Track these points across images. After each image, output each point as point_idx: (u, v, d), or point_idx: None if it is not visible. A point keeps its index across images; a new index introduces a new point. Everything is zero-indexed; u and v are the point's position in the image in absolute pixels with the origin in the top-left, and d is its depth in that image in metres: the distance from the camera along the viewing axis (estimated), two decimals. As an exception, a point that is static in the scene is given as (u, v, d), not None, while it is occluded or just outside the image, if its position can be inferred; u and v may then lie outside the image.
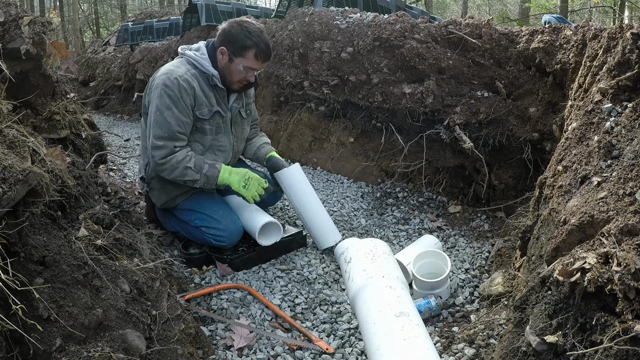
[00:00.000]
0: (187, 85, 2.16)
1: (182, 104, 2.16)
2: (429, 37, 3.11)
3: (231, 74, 2.24)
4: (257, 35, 2.19)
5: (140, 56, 7.33)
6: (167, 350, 1.31)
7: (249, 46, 2.18)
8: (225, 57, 2.21)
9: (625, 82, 1.56)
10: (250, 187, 2.26)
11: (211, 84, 2.25)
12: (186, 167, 2.16)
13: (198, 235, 2.27)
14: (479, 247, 2.45)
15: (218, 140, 2.34)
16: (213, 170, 2.21)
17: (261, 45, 2.19)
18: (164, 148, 2.16)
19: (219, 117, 2.31)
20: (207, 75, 2.23)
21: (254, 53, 2.19)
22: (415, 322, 1.35)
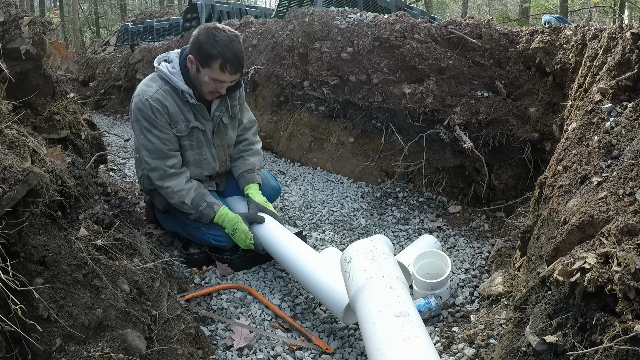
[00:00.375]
0: (159, 104, 2.10)
1: (159, 123, 2.11)
2: (429, 37, 3.11)
3: (200, 84, 2.12)
4: (224, 44, 2.00)
5: (140, 56, 7.33)
6: (167, 350, 1.31)
7: (214, 56, 2.01)
8: (194, 66, 2.09)
9: (625, 82, 1.56)
10: (237, 239, 2.19)
11: (183, 99, 2.15)
12: (182, 202, 2.18)
13: (198, 235, 2.27)
14: (479, 247, 2.45)
15: (202, 154, 2.28)
16: (209, 210, 2.20)
17: (227, 56, 2.01)
18: (157, 170, 2.16)
19: (198, 131, 2.23)
20: (178, 91, 2.13)
21: (219, 64, 2.02)
22: (415, 322, 1.35)
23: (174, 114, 2.14)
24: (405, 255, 2.18)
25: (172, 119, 2.14)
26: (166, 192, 2.18)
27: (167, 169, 2.16)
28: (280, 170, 3.82)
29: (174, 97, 2.14)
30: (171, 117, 2.14)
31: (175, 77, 2.12)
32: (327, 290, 1.78)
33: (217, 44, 2.01)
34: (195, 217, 2.21)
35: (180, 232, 2.39)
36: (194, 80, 2.13)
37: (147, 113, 2.09)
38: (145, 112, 2.09)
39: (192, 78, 2.14)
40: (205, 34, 2.04)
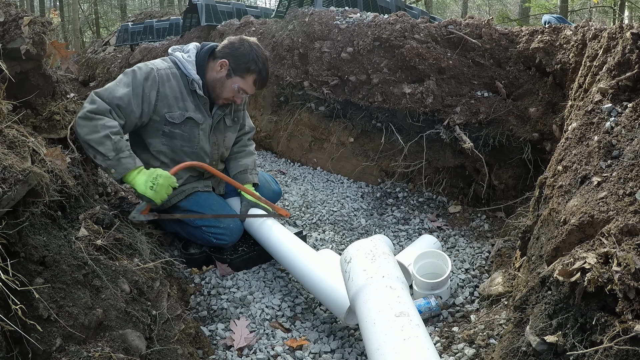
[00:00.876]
0: (159, 79, 2.08)
1: (140, 91, 2.03)
2: (429, 37, 3.11)
3: (222, 88, 2.17)
4: (262, 62, 2.15)
5: (140, 56, 7.33)
6: (167, 350, 1.31)
7: (253, 70, 2.14)
8: (224, 70, 2.14)
9: (625, 82, 1.56)
10: (159, 188, 1.98)
11: (191, 88, 2.16)
12: (108, 135, 1.92)
13: (198, 235, 2.26)
14: (479, 247, 2.45)
15: (191, 147, 2.24)
16: (129, 160, 1.97)
17: (263, 74, 2.17)
18: (98, 104, 1.95)
19: (193, 123, 2.20)
20: (188, 78, 2.15)
21: (254, 78, 2.16)
22: (415, 322, 1.35)
23: (171, 98, 2.12)
24: (405, 255, 2.18)
25: (165, 101, 2.11)
26: (93, 124, 1.90)
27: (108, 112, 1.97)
28: (280, 170, 3.82)
29: (179, 83, 2.14)
30: (165, 100, 2.10)
31: (189, 64, 2.15)
32: (329, 291, 1.78)
33: (258, 60, 2.14)
34: (109, 165, 1.94)
35: (180, 232, 2.38)
36: (215, 82, 2.17)
37: (141, 76, 2.05)
38: (141, 73, 2.06)
39: (213, 80, 2.17)
40: (248, 46, 2.15)
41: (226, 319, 1.90)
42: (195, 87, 2.15)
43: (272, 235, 2.16)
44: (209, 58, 2.19)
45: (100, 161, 1.95)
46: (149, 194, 1.97)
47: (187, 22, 7.20)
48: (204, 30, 6.26)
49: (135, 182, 1.98)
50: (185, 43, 2.54)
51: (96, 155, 1.94)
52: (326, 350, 1.74)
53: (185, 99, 2.16)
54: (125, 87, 2.03)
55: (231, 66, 2.13)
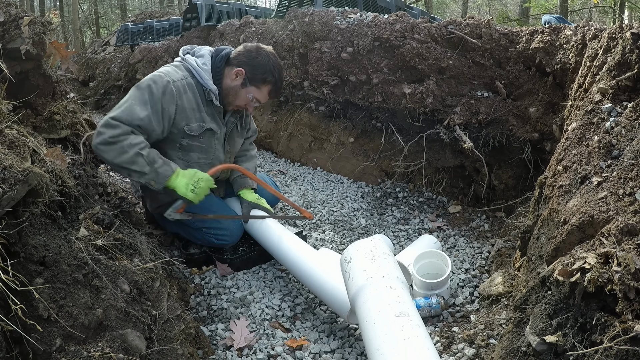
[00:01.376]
0: (177, 92, 1.99)
1: (159, 108, 1.96)
2: (429, 37, 3.11)
3: (237, 97, 2.13)
4: (279, 72, 2.13)
5: (140, 56, 7.33)
6: (167, 350, 1.31)
7: (269, 81, 2.11)
8: (240, 79, 2.09)
9: (625, 82, 1.56)
10: (200, 191, 2.01)
11: (207, 99, 2.10)
12: (138, 153, 1.89)
13: (199, 236, 2.26)
14: (479, 247, 2.45)
15: (208, 159, 2.20)
16: (167, 168, 1.96)
17: (278, 85, 2.15)
18: (119, 128, 1.88)
19: (211, 134, 2.16)
20: (204, 89, 2.08)
21: (269, 89, 2.14)
22: (415, 322, 1.35)
23: (189, 110, 2.05)
24: (405, 255, 2.18)
25: (182, 115, 2.04)
26: (120, 145, 1.87)
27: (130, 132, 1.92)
28: (280, 170, 3.82)
29: (194, 93, 2.07)
30: (180, 113, 2.03)
31: (205, 74, 2.07)
32: (331, 290, 1.78)
33: (275, 71, 2.11)
34: (148, 179, 1.93)
35: (180, 232, 2.38)
36: (228, 90, 2.12)
37: (158, 91, 1.96)
38: (157, 87, 1.96)
39: (227, 88, 2.12)
40: (266, 56, 2.10)
41: (226, 319, 1.90)
42: (212, 98, 2.09)
43: (273, 235, 2.16)
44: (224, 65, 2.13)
45: (136, 178, 1.95)
46: (190, 197, 1.99)
47: (187, 22, 7.19)
48: (204, 30, 6.26)
49: (176, 186, 1.98)
50: (185, 43, 2.54)
51: (131, 173, 1.93)
52: (326, 350, 1.74)
53: (201, 110, 2.10)
54: (143, 105, 1.94)
55: (247, 75, 2.09)
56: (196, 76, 2.07)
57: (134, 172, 1.91)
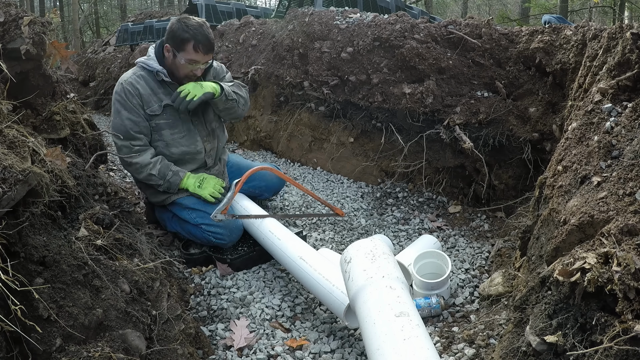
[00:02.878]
0: (131, 87, 2.27)
1: (130, 105, 2.27)
2: (429, 37, 3.11)
3: (177, 69, 2.31)
4: (194, 28, 2.25)
5: (140, 56, 7.32)
6: (167, 350, 1.31)
7: (187, 39, 2.23)
8: (170, 53, 2.28)
9: (625, 82, 1.56)
10: (205, 185, 2.37)
11: (158, 80, 2.33)
12: (150, 174, 2.30)
13: (198, 233, 2.27)
14: (479, 247, 2.45)
15: (180, 132, 2.38)
16: (176, 177, 2.34)
17: (198, 37, 2.24)
18: (124, 148, 2.29)
19: (171, 109, 2.34)
20: (153, 72, 2.32)
21: (192, 45, 2.24)
22: (415, 322, 1.35)
23: (146, 95, 2.30)
24: (405, 255, 2.18)
25: (144, 100, 2.29)
26: (134, 168, 2.30)
27: (132, 147, 2.28)
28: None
29: (147, 80, 2.32)
30: (143, 99, 2.29)
31: (150, 61, 2.33)
32: (328, 292, 1.78)
33: (188, 29, 2.24)
34: (164, 188, 2.34)
35: (180, 231, 2.39)
36: (172, 67, 2.33)
37: (120, 95, 2.28)
38: (119, 93, 2.28)
39: (170, 66, 2.33)
40: (177, 23, 2.29)
41: (226, 319, 1.90)
42: (162, 77, 2.32)
43: (272, 234, 2.16)
44: (162, 49, 2.35)
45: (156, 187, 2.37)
46: (198, 192, 2.35)
47: (187, 22, 7.18)
48: (204, 30, 6.25)
49: (187, 185, 2.37)
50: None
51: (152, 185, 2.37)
52: (326, 350, 1.74)
53: (157, 92, 2.33)
54: (119, 114, 2.28)
55: (172, 46, 2.27)
56: (145, 67, 2.34)
57: (153, 186, 2.36)
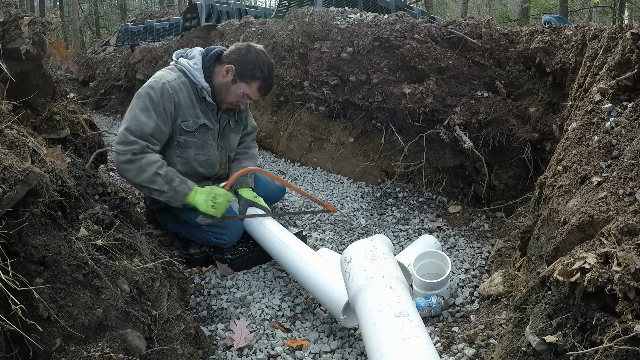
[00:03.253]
0: (173, 92, 2.11)
1: (161, 110, 2.08)
2: (429, 37, 3.11)
3: (228, 93, 2.21)
4: (268, 69, 2.19)
5: (140, 56, 7.33)
6: (167, 350, 1.31)
7: (258, 77, 2.18)
8: (230, 75, 2.17)
9: (625, 82, 1.56)
10: (219, 206, 2.12)
11: (200, 96, 2.20)
12: (156, 172, 2.03)
13: (198, 234, 2.27)
14: (479, 247, 2.45)
15: (205, 154, 2.28)
16: (184, 186, 2.10)
17: (268, 81, 2.21)
18: (135, 144, 2.02)
19: (205, 130, 2.24)
20: (197, 86, 2.18)
21: (258, 85, 2.20)
22: (415, 322, 1.35)
23: (185, 107, 2.15)
24: (405, 255, 2.18)
25: (180, 111, 2.14)
26: (138, 164, 2.01)
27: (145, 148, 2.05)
28: (280, 170, 3.82)
29: (189, 91, 2.17)
30: (179, 110, 2.14)
31: (197, 72, 2.17)
32: (326, 291, 1.78)
33: (264, 67, 2.17)
34: (167, 197, 2.08)
35: (180, 231, 2.38)
36: (220, 87, 2.21)
37: (157, 94, 2.07)
38: (155, 92, 2.07)
39: (218, 85, 2.21)
40: (255, 53, 2.18)
41: (226, 319, 1.90)
42: (205, 95, 2.19)
43: (271, 235, 2.16)
44: (214, 63, 2.22)
45: (157, 196, 2.10)
46: (212, 212, 2.12)
47: (187, 22, 7.19)
48: (204, 30, 6.26)
49: (195, 203, 2.12)
50: (185, 43, 2.58)
51: (152, 192, 2.09)
52: (326, 350, 1.74)
53: (195, 107, 2.20)
54: (147, 113, 2.06)
55: (237, 72, 2.17)
56: (189, 75, 2.18)
57: (154, 190, 2.07)
